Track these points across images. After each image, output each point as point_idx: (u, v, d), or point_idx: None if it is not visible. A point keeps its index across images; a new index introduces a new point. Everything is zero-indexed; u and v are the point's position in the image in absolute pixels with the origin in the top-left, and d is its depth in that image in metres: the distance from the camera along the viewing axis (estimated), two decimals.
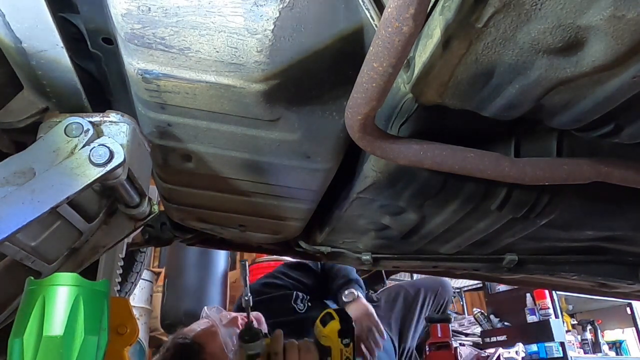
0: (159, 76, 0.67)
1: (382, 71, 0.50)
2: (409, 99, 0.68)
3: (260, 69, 0.64)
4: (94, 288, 0.63)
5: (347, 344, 1.41)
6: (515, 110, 0.62)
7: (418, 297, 2.56)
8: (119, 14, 0.59)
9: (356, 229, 1.14)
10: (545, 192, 0.87)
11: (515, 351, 3.92)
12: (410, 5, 0.43)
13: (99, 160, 0.64)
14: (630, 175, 0.72)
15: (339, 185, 0.99)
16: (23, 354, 0.57)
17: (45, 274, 0.76)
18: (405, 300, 2.56)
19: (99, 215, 0.81)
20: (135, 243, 1.43)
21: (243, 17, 0.58)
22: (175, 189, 1.02)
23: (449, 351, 1.51)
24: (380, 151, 0.64)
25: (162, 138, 0.82)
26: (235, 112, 0.74)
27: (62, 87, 0.72)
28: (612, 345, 4.81)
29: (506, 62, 0.54)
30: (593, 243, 1.11)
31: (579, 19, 0.47)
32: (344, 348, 1.40)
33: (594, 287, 1.48)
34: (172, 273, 3.55)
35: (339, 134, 0.80)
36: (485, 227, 1.00)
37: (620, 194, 0.83)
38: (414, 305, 2.52)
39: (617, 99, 0.57)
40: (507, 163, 0.68)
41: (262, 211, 1.08)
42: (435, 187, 0.85)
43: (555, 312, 4.18)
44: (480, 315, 4.66)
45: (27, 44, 0.65)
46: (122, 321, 0.92)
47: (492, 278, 1.93)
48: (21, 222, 0.60)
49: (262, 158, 0.86)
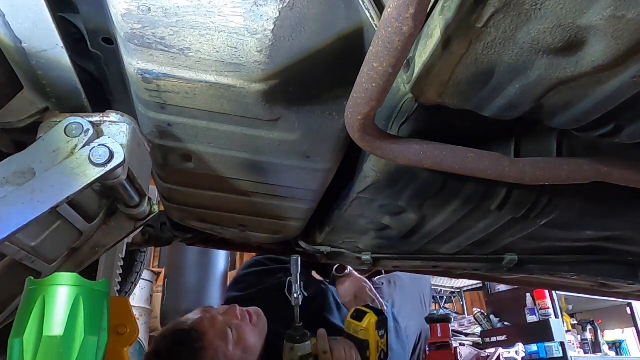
0: (159, 76, 0.67)
1: (382, 71, 0.50)
2: (409, 99, 0.68)
3: (260, 69, 0.64)
4: (94, 288, 0.63)
5: (382, 335, 1.42)
6: (515, 110, 0.62)
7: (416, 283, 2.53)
8: (119, 14, 0.59)
9: (356, 229, 1.14)
10: (545, 192, 0.87)
11: (515, 351, 3.93)
12: (410, 5, 0.43)
13: (99, 160, 0.64)
14: (630, 175, 0.72)
15: (339, 185, 0.99)
16: (23, 354, 0.57)
17: (45, 274, 0.76)
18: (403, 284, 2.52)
19: (99, 215, 0.81)
20: (135, 243, 1.43)
21: (243, 17, 0.58)
22: (175, 189, 1.02)
23: (449, 351, 1.51)
24: (380, 151, 0.64)
25: (162, 138, 0.82)
26: (235, 112, 0.74)
27: (62, 87, 0.72)
28: (612, 345, 4.81)
29: (506, 62, 0.54)
30: (593, 243, 1.11)
31: (579, 19, 0.47)
32: (380, 340, 1.40)
33: (594, 287, 1.48)
34: (172, 273, 3.55)
35: (339, 134, 0.80)
36: (485, 227, 1.00)
37: (620, 194, 0.83)
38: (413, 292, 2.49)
39: (617, 99, 0.57)
40: (507, 163, 0.68)
41: (262, 211, 1.08)
42: (435, 187, 0.85)
43: (555, 312, 4.18)
44: (480, 315, 4.66)
45: (27, 44, 0.65)
46: (122, 321, 0.92)
47: (492, 278, 1.93)
48: (21, 222, 0.60)
49: (262, 158, 0.86)
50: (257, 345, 1.63)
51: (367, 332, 1.41)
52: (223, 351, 1.52)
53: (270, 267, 2.10)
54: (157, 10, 0.58)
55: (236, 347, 1.55)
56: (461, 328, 4.61)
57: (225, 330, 1.55)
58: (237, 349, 1.55)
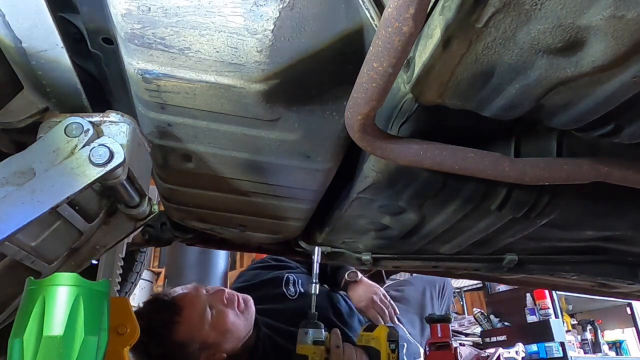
0: (159, 76, 0.67)
1: (382, 71, 0.50)
2: (409, 99, 0.68)
3: (260, 69, 0.64)
4: (94, 288, 0.63)
5: (394, 350, 1.42)
6: (515, 110, 0.62)
7: (425, 291, 2.53)
8: (119, 14, 0.59)
9: (356, 229, 1.14)
10: (545, 192, 0.87)
11: (515, 351, 3.92)
12: (410, 5, 0.43)
13: (99, 160, 0.64)
14: (630, 175, 0.72)
15: (339, 185, 0.99)
16: (23, 354, 0.57)
17: (45, 274, 0.76)
18: (413, 292, 2.52)
19: (99, 215, 0.81)
20: (135, 243, 1.43)
21: (243, 17, 0.58)
22: (175, 189, 1.02)
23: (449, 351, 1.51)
24: (380, 151, 0.64)
25: (162, 138, 0.82)
26: (235, 112, 0.74)
27: (62, 87, 0.72)
28: (612, 345, 4.81)
29: (506, 62, 0.54)
30: (593, 243, 1.11)
31: (579, 19, 0.46)
32: (391, 353, 1.41)
33: (594, 287, 1.48)
34: (172, 273, 3.55)
35: (339, 134, 0.80)
36: (485, 227, 1.00)
37: (620, 194, 0.83)
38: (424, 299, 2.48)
39: (617, 99, 0.57)
40: (507, 163, 0.68)
41: (262, 211, 1.08)
42: (435, 187, 0.85)
43: (555, 312, 4.18)
44: (480, 315, 4.66)
45: (27, 44, 0.65)
46: (122, 321, 0.92)
47: (492, 278, 1.93)
48: (21, 222, 0.60)
49: (262, 158, 0.86)
50: (240, 330, 1.62)
51: (378, 342, 1.41)
52: (198, 329, 1.52)
53: (272, 264, 2.13)
54: (157, 10, 0.58)
55: (212, 329, 1.55)
56: (461, 328, 4.61)
57: (204, 309, 1.55)
58: (214, 330, 1.55)
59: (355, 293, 2.02)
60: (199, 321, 1.53)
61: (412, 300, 2.44)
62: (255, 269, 2.16)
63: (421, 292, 2.50)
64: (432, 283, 2.55)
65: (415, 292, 2.49)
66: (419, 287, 2.52)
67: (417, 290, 2.51)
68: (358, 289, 2.01)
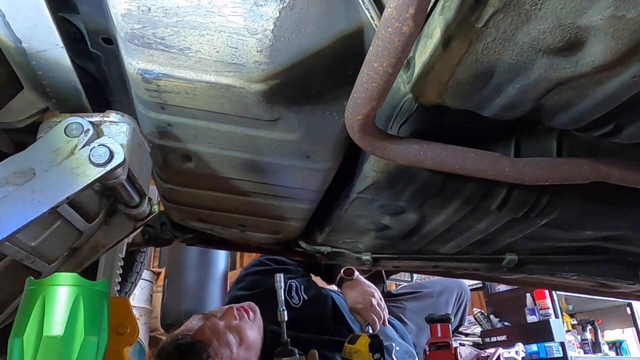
0: (159, 76, 0.67)
1: (382, 71, 0.50)
2: (409, 99, 0.68)
3: (260, 69, 0.64)
4: (94, 288, 0.63)
5: (378, 358, 1.41)
6: (515, 110, 0.62)
7: (440, 296, 2.50)
8: (119, 14, 0.59)
9: (356, 229, 1.14)
10: (545, 192, 0.87)
11: (515, 351, 3.92)
12: (410, 5, 0.43)
13: (99, 160, 0.64)
14: (630, 175, 0.72)
15: (339, 185, 0.99)
16: (23, 354, 0.57)
17: (45, 274, 0.76)
18: (426, 297, 2.48)
19: (99, 215, 0.81)
20: (135, 243, 1.43)
21: (243, 17, 0.58)
22: (175, 189, 1.02)
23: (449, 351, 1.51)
24: (380, 151, 0.64)
25: (162, 138, 0.82)
26: (235, 112, 0.74)
27: (62, 87, 0.72)
28: (612, 345, 4.81)
29: (506, 62, 0.54)
30: (593, 243, 1.11)
31: (579, 19, 0.47)
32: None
33: (594, 287, 1.48)
34: (172, 273, 3.54)
35: (339, 134, 0.80)
36: (485, 227, 1.00)
37: (620, 194, 0.83)
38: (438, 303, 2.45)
39: (617, 99, 0.57)
40: (507, 163, 0.68)
41: (262, 211, 1.08)
42: (435, 187, 0.85)
43: (555, 312, 4.18)
44: (480, 315, 4.66)
45: (27, 44, 0.65)
46: (122, 321, 0.92)
47: (492, 278, 1.93)
48: (21, 222, 0.60)
49: (262, 158, 0.86)
50: (257, 339, 1.67)
51: (359, 354, 1.40)
52: (228, 355, 1.54)
53: (272, 267, 2.08)
54: (157, 10, 0.58)
55: (240, 348, 1.57)
56: (461, 328, 4.61)
57: (226, 334, 1.57)
58: (241, 348, 1.58)
59: (351, 293, 1.90)
60: (227, 347, 1.54)
61: (426, 302, 2.43)
62: (254, 274, 2.09)
63: (437, 294, 2.49)
64: (450, 288, 2.53)
65: (429, 295, 2.48)
66: (435, 289, 2.51)
67: (433, 293, 2.50)
68: (355, 288, 1.91)
